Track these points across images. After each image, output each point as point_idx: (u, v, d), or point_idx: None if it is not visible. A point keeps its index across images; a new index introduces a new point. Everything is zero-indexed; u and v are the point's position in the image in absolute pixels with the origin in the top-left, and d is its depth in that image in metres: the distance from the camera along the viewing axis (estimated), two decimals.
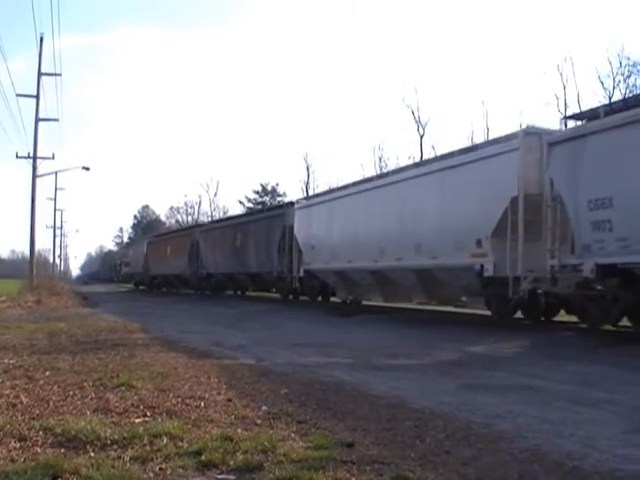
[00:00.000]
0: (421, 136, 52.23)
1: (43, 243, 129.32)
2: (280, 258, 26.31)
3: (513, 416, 5.53)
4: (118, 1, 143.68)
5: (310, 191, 61.06)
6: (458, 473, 3.92)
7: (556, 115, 39.76)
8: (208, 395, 6.18)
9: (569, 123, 13.93)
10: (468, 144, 27.83)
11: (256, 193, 79.41)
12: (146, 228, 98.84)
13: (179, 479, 3.86)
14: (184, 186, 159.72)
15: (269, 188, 79.21)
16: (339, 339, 12.18)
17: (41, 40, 32.00)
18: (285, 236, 26.02)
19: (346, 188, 22.88)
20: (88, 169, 41.12)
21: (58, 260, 79.44)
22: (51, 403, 5.77)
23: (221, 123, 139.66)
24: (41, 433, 4.68)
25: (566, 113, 38.15)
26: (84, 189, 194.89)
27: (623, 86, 40.34)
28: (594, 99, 40.89)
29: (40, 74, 32.44)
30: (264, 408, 5.68)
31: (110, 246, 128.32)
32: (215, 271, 35.57)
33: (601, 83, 42.98)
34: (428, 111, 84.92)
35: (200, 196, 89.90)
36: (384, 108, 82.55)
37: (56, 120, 36.44)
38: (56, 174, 47.24)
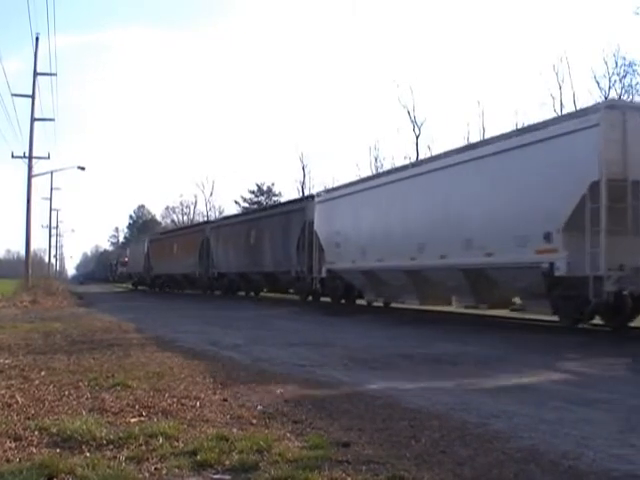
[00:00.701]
0: (417, 136, 52.46)
1: (39, 243, 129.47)
2: (299, 257, 24.37)
3: (508, 416, 5.53)
4: (113, 0, 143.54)
5: (306, 191, 61.21)
6: (454, 473, 3.92)
7: (552, 115, 39.82)
8: (204, 395, 6.18)
9: None
10: (464, 144, 27.74)
11: (252, 193, 79.58)
12: (142, 228, 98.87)
13: (174, 479, 3.85)
14: (180, 186, 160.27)
15: (265, 188, 79.37)
16: (334, 338, 12.17)
17: (37, 40, 32.14)
18: (305, 232, 23.86)
19: (377, 177, 20.78)
20: (83, 169, 41.14)
21: (54, 260, 79.39)
22: (46, 403, 5.76)
23: (217, 123, 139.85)
24: (36, 433, 4.67)
25: (562, 113, 38.24)
26: (80, 189, 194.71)
27: (619, 86, 40.55)
28: (590, 99, 41.08)
29: (36, 74, 32.48)
30: (259, 408, 5.68)
31: (106, 246, 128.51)
32: (227, 270, 33.38)
33: (597, 83, 43.17)
34: (424, 111, 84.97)
35: (196, 196, 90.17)
36: (380, 108, 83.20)
37: (52, 120, 36.53)
38: (52, 174, 47.33)
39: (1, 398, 5.91)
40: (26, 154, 32.33)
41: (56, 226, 72.24)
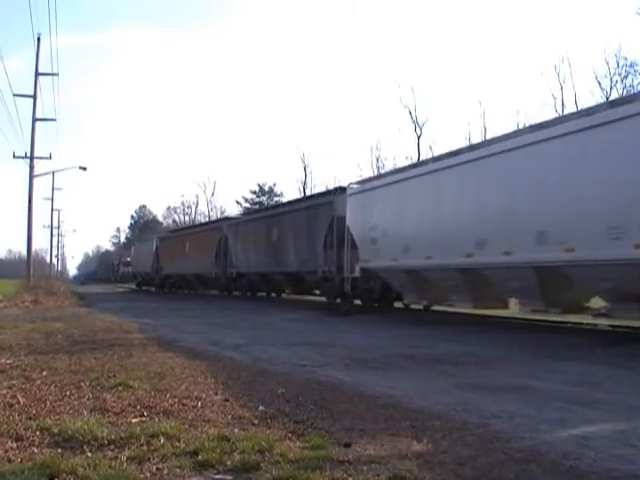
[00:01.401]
0: (418, 136, 52.50)
1: (40, 243, 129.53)
2: (327, 255, 22.18)
3: (509, 416, 5.54)
4: (114, 1, 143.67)
5: (307, 191, 61.23)
6: (455, 473, 3.92)
7: (553, 115, 39.78)
8: (205, 395, 6.18)
9: None
10: (465, 144, 27.59)
11: (253, 193, 79.66)
12: (143, 228, 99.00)
13: (176, 479, 3.86)
14: (181, 186, 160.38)
15: (266, 188, 79.40)
16: (335, 338, 12.18)
17: (38, 40, 32.05)
18: (333, 228, 21.57)
19: (424, 164, 18.23)
20: (85, 169, 41.09)
21: (55, 260, 79.40)
22: (48, 403, 5.76)
23: (218, 123, 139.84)
24: (38, 433, 4.68)
25: (563, 113, 38.25)
26: (81, 189, 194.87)
27: (620, 86, 40.54)
28: (591, 99, 41.08)
29: (37, 74, 32.45)
30: (261, 408, 5.68)
31: (107, 246, 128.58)
32: (247, 270, 30.79)
33: (598, 83, 43.17)
34: (425, 111, 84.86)
35: (197, 196, 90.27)
36: (381, 108, 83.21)
37: (53, 120, 36.55)
38: (53, 174, 47.35)
39: (3, 398, 5.92)
40: (27, 154, 32.35)
41: (57, 226, 72.39)
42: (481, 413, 5.65)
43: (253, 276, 30.79)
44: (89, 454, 4.21)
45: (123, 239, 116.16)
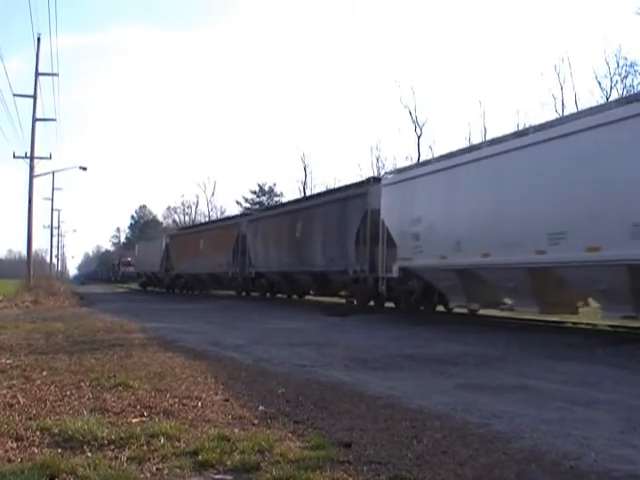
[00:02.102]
0: (418, 136, 52.47)
1: (40, 243, 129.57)
2: (358, 253, 20.02)
3: (510, 416, 5.54)
4: (114, 1, 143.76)
5: (307, 191, 61.24)
6: (455, 473, 3.92)
7: (553, 115, 39.82)
8: (205, 395, 6.18)
9: None
10: (465, 144, 27.53)
11: (253, 193, 79.73)
12: (143, 228, 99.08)
13: (176, 479, 3.86)
14: (181, 186, 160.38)
15: (266, 188, 79.43)
16: (336, 339, 12.18)
17: (38, 40, 32.04)
18: (366, 223, 19.46)
19: (479, 148, 15.72)
20: (85, 169, 41.13)
21: (55, 260, 79.42)
22: (48, 403, 5.76)
23: (218, 123, 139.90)
24: (38, 433, 4.68)
25: (563, 113, 38.27)
26: (81, 189, 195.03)
27: (620, 86, 40.54)
28: (591, 99, 41.08)
29: (37, 74, 32.45)
30: (261, 408, 5.68)
31: (107, 246, 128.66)
32: (267, 270, 28.42)
33: (598, 83, 43.15)
34: (425, 111, 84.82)
35: (197, 196, 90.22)
36: (381, 108, 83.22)
37: (53, 120, 36.51)
38: (53, 174, 47.36)
39: (3, 398, 5.91)
40: (28, 154, 32.34)
41: (58, 226, 72.40)
42: (481, 413, 5.65)
43: (273, 276, 28.47)
44: (89, 454, 4.21)
45: (123, 239, 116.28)
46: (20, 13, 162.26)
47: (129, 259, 71.94)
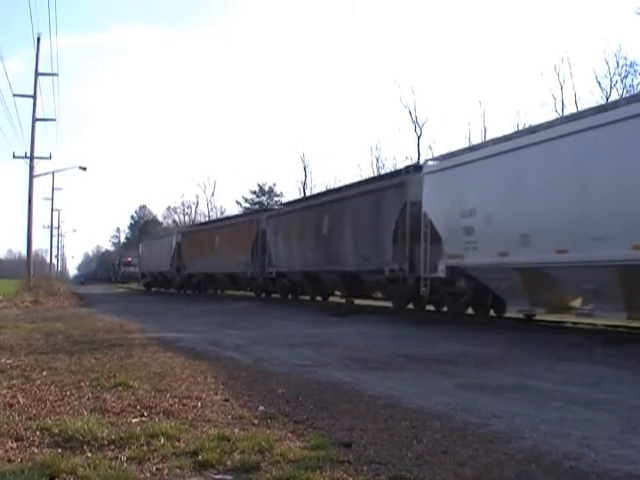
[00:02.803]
0: (418, 136, 52.40)
1: (40, 243, 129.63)
2: (396, 250, 17.90)
3: (510, 416, 5.54)
4: (114, 1, 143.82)
5: (307, 191, 61.24)
6: (455, 473, 3.92)
7: (553, 115, 39.82)
8: (205, 395, 6.18)
9: None
10: (465, 144, 27.35)
11: (253, 193, 79.71)
12: (143, 228, 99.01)
13: (176, 479, 3.86)
14: (181, 186, 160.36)
15: (266, 188, 79.41)
16: (336, 339, 12.17)
17: (38, 40, 32.04)
18: (405, 216, 17.42)
19: (549, 127, 13.23)
20: (85, 169, 41.11)
21: (55, 260, 79.40)
22: (48, 403, 5.76)
23: (218, 123, 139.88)
24: (38, 433, 4.68)
25: (563, 113, 38.28)
26: (81, 189, 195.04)
27: (620, 86, 40.53)
28: (591, 99, 41.06)
29: (37, 74, 32.45)
30: (261, 408, 5.68)
31: (107, 246, 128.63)
32: (289, 269, 26.12)
33: (598, 83, 43.11)
34: (425, 111, 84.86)
35: (197, 196, 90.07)
36: (381, 108, 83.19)
37: (53, 120, 36.52)
38: (53, 174, 47.30)
39: (3, 398, 5.91)
40: (27, 154, 32.36)
41: (57, 226, 72.37)
42: (481, 413, 5.65)
43: (296, 276, 26.14)
44: (89, 454, 4.21)
45: (123, 239, 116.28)
46: (20, 13, 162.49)
47: (130, 259, 71.94)
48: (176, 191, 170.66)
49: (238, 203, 78.56)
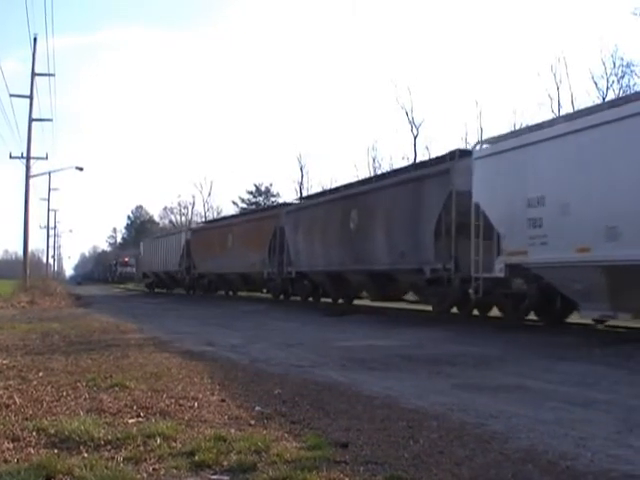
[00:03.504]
0: (415, 137, 52.30)
1: (37, 243, 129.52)
2: (439, 247, 15.81)
3: (507, 416, 5.54)
4: (113, 1, 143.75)
5: (304, 192, 61.18)
6: (452, 473, 3.92)
7: (550, 116, 39.83)
8: (202, 395, 6.18)
9: None
10: (462, 145, 27.20)
11: (250, 193, 79.59)
12: (140, 228, 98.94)
13: (172, 479, 3.85)
14: (178, 186, 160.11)
15: (263, 188, 79.35)
16: (333, 339, 12.16)
17: (34, 40, 31.99)
18: (450, 209, 15.34)
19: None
20: (82, 169, 41.12)
21: (52, 260, 79.33)
22: (44, 403, 5.75)
23: (215, 123, 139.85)
24: (34, 434, 4.67)
25: (559, 113, 38.32)
26: (78, 189, 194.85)
27: (617, 87, 40.55)
28: (588, 99, 41.07)
29: (34, 74, 32.41)
30: (258, 408, 5.68)
31: (104, 246, 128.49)
32: (310, 269, 23.64)
33: (595, 84, 43.08)
34: (422, 112, 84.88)
35: (194, 196, 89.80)
36: (378, 109, 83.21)
37: (50, 120, 36.48)
38: (49, 174, 47.29)
39: None
40: (24, 154, 32.33)
41: (54, 226, 72.23)
42: (478, 413, 5.65)
43: (318, 276, 23.84)
44: (86, 455, 4.20)
45: (119, 239, 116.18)
46: (17, 13, 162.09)
47: (127, 259, 71.90)
48: (173, 191, 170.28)
49: (234, 203, 78.52)
